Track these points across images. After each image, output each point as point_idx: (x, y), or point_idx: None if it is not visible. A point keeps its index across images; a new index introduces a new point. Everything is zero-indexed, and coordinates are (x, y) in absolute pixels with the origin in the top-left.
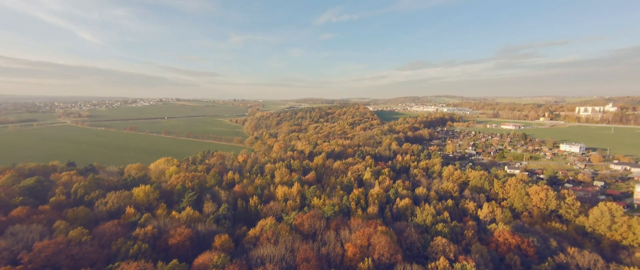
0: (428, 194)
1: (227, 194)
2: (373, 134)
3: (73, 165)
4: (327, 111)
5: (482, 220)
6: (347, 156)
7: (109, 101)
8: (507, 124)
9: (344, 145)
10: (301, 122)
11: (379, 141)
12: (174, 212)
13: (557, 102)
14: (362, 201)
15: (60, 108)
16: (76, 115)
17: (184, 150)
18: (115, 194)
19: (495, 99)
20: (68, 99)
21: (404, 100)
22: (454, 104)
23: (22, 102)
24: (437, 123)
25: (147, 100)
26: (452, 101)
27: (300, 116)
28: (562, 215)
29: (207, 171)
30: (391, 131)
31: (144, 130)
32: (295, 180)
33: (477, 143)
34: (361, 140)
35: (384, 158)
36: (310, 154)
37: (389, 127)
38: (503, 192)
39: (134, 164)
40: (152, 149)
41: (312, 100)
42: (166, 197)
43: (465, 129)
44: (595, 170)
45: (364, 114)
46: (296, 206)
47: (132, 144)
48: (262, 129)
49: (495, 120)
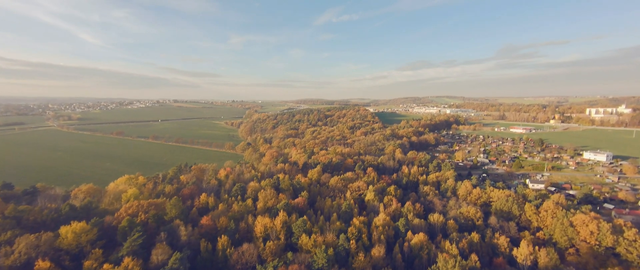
0: (445, 224)
1: (190, 232)
2: (375, 139)
3: (9, 187)
4: (326, 113)
5: (520, 265)
6: (346, 168)
7: (105, 103)
8: (516, 127)
9: (343, 153)
10: (298, 125)
11: (381, 148)
12: (106, 265)
13: (560, 102)
14: (365, 236)
15: (53, 110)
16: (66, 118)
17: (167, 159)
18: (29, 238)
19: (497, 99)
20: (66, 101)
21: (405, 101)
22: (456, 105)
23: (16, 104)
24: (442, 126)
25: (144, 101)
26: (454, 101)
27: (298, 119)
28: (620, 254)
29: (176, 193)
30: (394, 136)
31: (131, 134)
32: (281, 207)
33: (488, 149)
34: (362, 147)
35: (388, 170)
36: (305, 165)
37: (391, 131)
38: (538, 220)
39: (84, 186)
40: (132, 158)
41: (311, 100)
42: (110, 236)
43: (472, 132)
44: (633, 185)
45: (365, 117)
46: (279, 247)
47: (113, 151)
48: (257, 132)
49: (502, 122)
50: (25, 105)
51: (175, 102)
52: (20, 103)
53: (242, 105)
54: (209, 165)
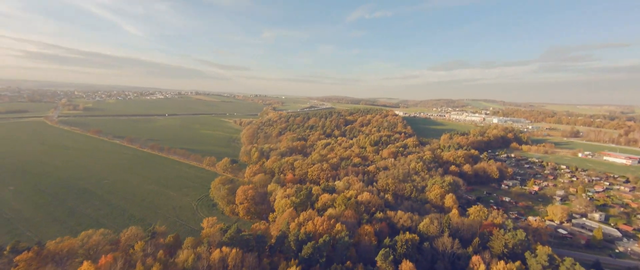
0: None
1: None
2: (409, 167)
3: None
4: (346, 118)
5: None
6: (362, 247)
7: (128, 92)
8: (613, 154)
9: (360, 204)
10: (309, 134)
11: (420, 186)
12: None
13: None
14: None
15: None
16: (71, 108)
17: (111, 183)
18: None
19: (543, 106)
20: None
21: (437, 103)
22: (502, 113)
23: (43, 90)
24: (497, 144)
25: (165, 92)
26: (493, 106)
27: (311, 125)
28: None
29: None
30: (436, 163)
31: (111, 133)
32: None
33: (596, 198)
34: (390, 182)
35: (440, 255)
36: (283, 239)
37: (431, 153)
38: None
39: None
40: (62, 176)
41: (337, 98)
42: None
43: (545, 158)
44: None
45: (394, 126)
46: None
47: (59, 158)
48: (259, 138)
49: (579, 142)
50: (53, 91)
51: (197, 94)
52: (49, 88)
53: (263, 101)
54: (78, 243)
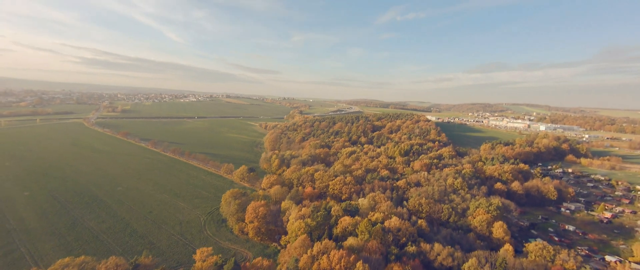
0: None
1: None
2: (446, 183)
3: None
4: (374, 124)
5: None
6: None
7: (164, 95)
8: None
9: (387, 231)
10: (333, 141)
11: (460, 208)
12: None
13: None
14: None
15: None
16: (110, 110)
17: (124, 190)
18: None
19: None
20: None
21: (472, 107)
22: (549, 119)
23: (91, 92)
24: (548, 156)
25: (198, 95)
26: (537, 112)
27: (337, 130)
28: None
29: None
30: (478, 178)
31: (138, 136)
32: None
33: None
34: (424, 202)
35: None
36: None
37: (472, 167)
38: None
39: None
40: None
41: (365, 101)
42: None
43: (613, 175)
44: None
45: (426, 133)
46: None
47: (83, 162)
48: (282, 144)
49: None
50: (99, 94)
51: (227, 97)
52: (96, 92)
53: (291, 104)
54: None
